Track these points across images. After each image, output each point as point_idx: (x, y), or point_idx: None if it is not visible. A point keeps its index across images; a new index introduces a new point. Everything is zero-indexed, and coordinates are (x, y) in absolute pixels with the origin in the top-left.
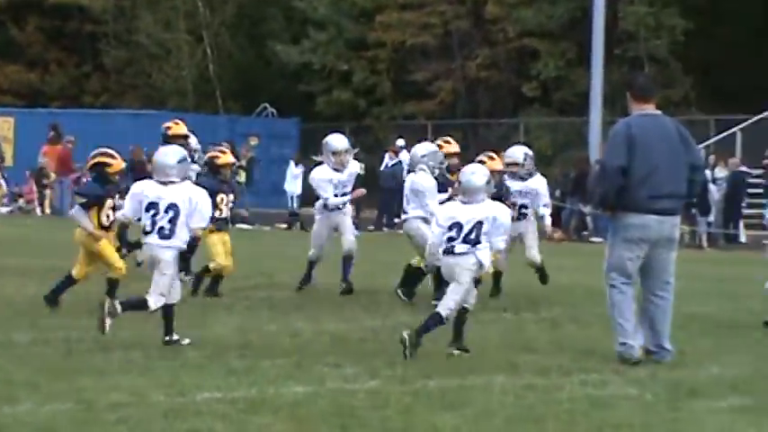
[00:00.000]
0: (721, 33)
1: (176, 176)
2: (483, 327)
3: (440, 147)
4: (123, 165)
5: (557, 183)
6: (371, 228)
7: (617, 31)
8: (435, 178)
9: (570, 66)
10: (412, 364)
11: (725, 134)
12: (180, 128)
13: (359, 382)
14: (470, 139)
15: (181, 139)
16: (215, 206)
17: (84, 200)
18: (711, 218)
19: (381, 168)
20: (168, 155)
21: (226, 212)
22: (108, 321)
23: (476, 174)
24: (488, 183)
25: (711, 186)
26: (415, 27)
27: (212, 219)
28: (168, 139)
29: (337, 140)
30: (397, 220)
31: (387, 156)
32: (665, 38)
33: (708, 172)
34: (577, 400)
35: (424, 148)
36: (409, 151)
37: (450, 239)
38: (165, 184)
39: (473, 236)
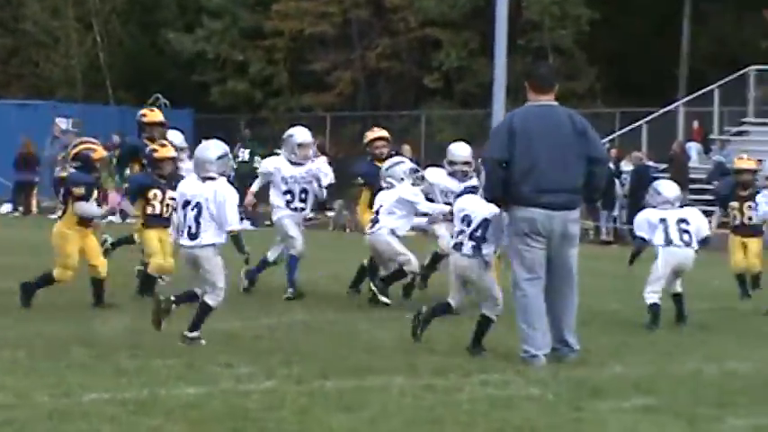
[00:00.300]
0: (627, 24)
1: (215, 172)
2: (382, 325)
3: (366, 136)
4: (106, 153)
5: None
6: (268, 223)
7: (521, 20)
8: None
9: (473, 56)
10: (308, 363)
11: (631, 127)
12: (156, 115)
13: (253, 383)
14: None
15: (158, 126)
16: (147, 202)
17: (82, 190)
18: (616, 212)
19: None
20: (209, 149)
21: (159, 209)
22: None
23: None
24: None
25: (616, 181)
26: (312, 16)
27: (150, 216)
28: (145, 127)
29: (302, 133)
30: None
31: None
32: (569, 28)
33: (612, 166)
34: (478, 400)
35: (389, 161)
36: None
37: (460, 233)
38: (204, 180)
39: (479, 233)
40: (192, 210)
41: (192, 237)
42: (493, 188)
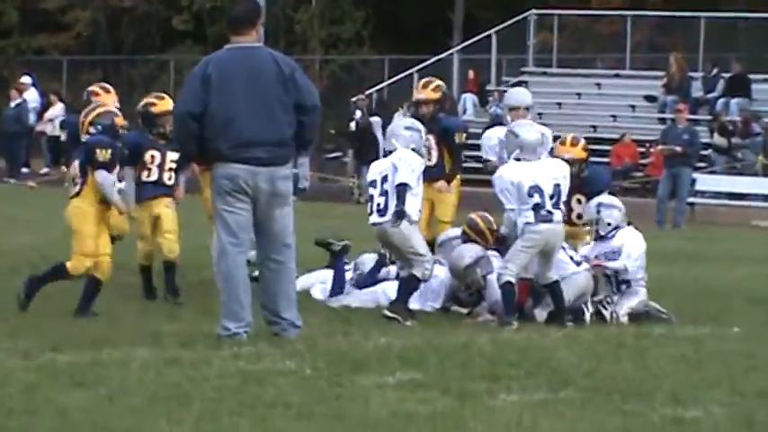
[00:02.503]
0: None
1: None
2: (122, 292)
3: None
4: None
5: None
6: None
7: None
8: None
9: None
10: (37, 335)
11: (401, 76)
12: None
13: None
14: (112, 78)
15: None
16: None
17: (108, 154)
18: None
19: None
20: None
21: (158, 174)
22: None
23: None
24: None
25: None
26: None
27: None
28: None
29: None
30: (26, 170)
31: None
32: None
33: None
34: (228, 375)
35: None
36: (39, 90)
37: (536, 206)
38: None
39: (555, 199)
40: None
41: (381, 213)
42: (184, 145)
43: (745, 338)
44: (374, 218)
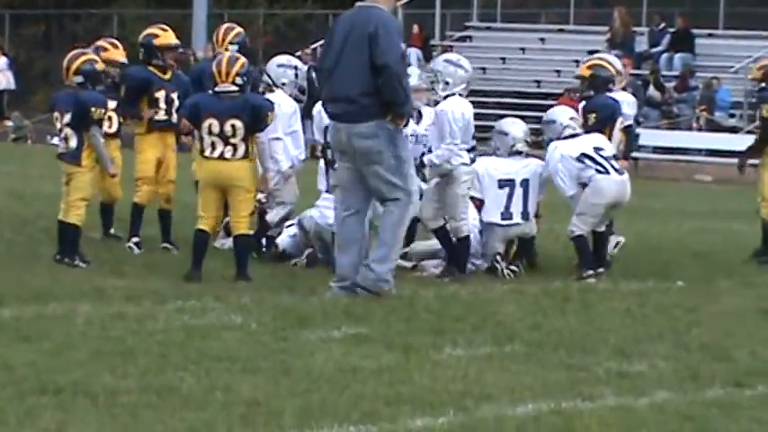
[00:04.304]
0: None
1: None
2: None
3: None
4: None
5: None
6: None
7: None
8: None
9: None
10: None
11: None
12: (169, 36)
13: None
14: (55, 33)
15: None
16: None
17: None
18: None
19: None
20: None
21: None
22: None
23: None
24: None
25: None
26: None
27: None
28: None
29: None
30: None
31: None
32: None
33: None
34: (173, 330)
35: None
36: None
37: None
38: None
39: None
40: None
41: None
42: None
43: (689, 292)
44: None
